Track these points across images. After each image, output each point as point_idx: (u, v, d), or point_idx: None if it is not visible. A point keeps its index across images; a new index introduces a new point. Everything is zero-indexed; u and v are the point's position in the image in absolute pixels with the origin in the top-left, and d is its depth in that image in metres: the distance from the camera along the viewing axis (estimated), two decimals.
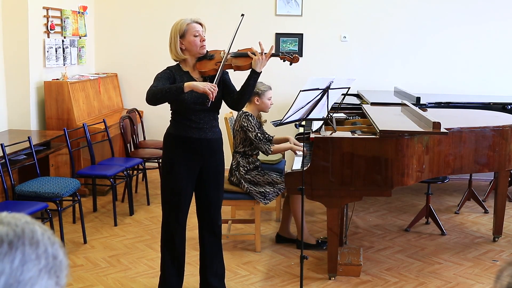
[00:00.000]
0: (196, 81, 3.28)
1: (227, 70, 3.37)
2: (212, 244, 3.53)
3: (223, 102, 3.41)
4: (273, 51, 3.25)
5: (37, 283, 0.79)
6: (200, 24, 3.30)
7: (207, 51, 3.33)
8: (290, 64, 3.39)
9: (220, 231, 3.58)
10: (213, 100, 3.10)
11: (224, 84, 3.36)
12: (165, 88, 3.13)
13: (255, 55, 3.21)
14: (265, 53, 3.22)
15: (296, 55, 3.33)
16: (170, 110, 3.37)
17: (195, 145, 3.31)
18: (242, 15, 3.27)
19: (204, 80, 3.32)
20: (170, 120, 3.40)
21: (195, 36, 3.25)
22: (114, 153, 5.67)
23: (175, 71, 3.30)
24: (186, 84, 3.09)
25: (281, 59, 3.36)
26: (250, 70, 3.25)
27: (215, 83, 3.15)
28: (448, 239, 4.75)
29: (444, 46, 6.51)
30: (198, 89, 3.07)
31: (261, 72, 3.25)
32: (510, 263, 0.74)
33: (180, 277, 3.54)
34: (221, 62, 3.23)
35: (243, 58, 3.29)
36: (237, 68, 3.32)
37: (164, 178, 3.45)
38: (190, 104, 3.23)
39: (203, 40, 3.29)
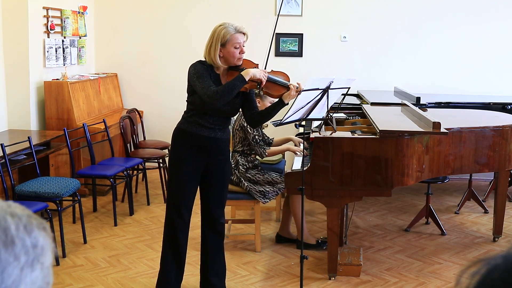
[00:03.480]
0: None
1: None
2: (214, 242, 3.54)
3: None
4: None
5: (22, 282, 0.76)
6: (243, 33, 3.28)
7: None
8: (299, 93, 3.38)
9: (223, 229, 3.59)
10: (263, 86, 3.26)
11: (247, 99, 3.40)
12: (230, 86, 3.16)
13: (290, 89, 3.26)
14: (302, 90, 3.24)
15: None
16: (188, 104, 3.38)
17: (203, 142, 3.34)
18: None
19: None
20: (183, 116, 3.41)
21: (236, 48, 3.24)
22: (114, 153, 5.67)
23: (210, 70, 3.30)
24: (244, 75, 3.19)
25: None
26: (278, 99, 3.32)
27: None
28: (448, 239, 4.75)
29: (444, 46, 6.51)
30: (255, 76, 3.20)
31: (288, 103, 3.33)
32: (469, 266, 0.74)
33: (180, 274, 3.54)
34: (254, 81, 3.25)
35: (278, 86, 3.32)
36: (267, 93, 3.40)
37: (169, 173, 3.48)
38: (221, 111, 3.29)
39: (243, 53, 3.28)
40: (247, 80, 3.18)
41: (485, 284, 0.71)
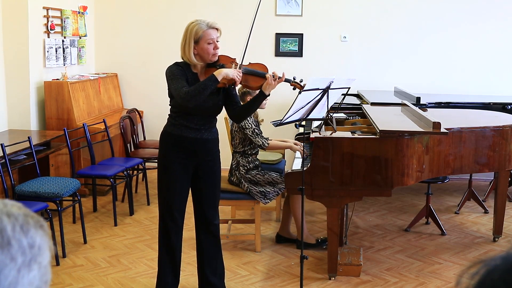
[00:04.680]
0: None
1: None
2: (209, 243, 3.53)
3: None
4: (285, 77, 3.29)
5: (19, 283, 0.75)
6: (216, 29, 3.26)
7: (218, 57, 3.30)
8: (299, 93, 3.32)
9: (218, 230, 3.57)
10: (237, 86, 3.25)
11: (228, 95, 3.38)
12: (201, 86, 3.13)
13: (268, 79, 3.24)
14: (279, 78, 3.25)
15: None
16: (171, 107, 3.37)
17: (190, 144, 3.33)
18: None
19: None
20: (168, 119, 3.40)
21: (209, 44, 3.22)
22: (114, 153, 5.67)
23: (186, 70, 3.28)
24: (217, 75, 3.15)
25: (291, 86, 3.44)
26: (259, 91, 3.30)
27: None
28: (448, 239, 4.75)
29: (444, 46, 6.51)
30: (228, 76, 3.16)
31: (269, 94, 3.30)
32: (469, 267, 0.74)
33: (176, 276, 3.54)
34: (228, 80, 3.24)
35: (256, 77, 3.31)
36: (246, 86, 3.38)
37: (159, 176, 3.47)
38: (203, 110, 3.27)
39: (217, 48, 3.26)
40: (219, 80, 3.16)
41: (485, 285, 0.71)
